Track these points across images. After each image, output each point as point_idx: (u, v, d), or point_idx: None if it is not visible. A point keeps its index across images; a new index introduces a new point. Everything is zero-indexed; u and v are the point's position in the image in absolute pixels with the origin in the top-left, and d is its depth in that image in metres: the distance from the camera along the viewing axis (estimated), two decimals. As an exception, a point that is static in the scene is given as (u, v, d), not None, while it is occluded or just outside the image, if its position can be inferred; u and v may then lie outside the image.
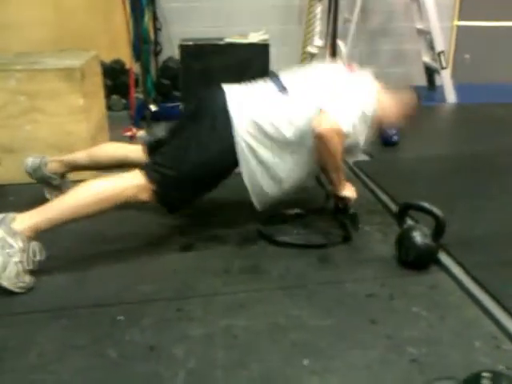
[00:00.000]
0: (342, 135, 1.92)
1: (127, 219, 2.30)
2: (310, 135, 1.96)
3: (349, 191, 2.13)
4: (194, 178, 1.98)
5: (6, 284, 1.71)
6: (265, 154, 1.99)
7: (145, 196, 1.92)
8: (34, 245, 1.80)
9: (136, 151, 2.27)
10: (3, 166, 2.65)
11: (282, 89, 2.05)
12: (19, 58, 2.90)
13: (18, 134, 2.61)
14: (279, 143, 1.99)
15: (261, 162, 2.00)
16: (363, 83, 2.09)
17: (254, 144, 1.97)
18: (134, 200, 1.92)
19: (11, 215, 1.79)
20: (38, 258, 1.81)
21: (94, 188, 1.89)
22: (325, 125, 1.90)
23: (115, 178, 1.95)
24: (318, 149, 1.97)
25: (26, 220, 1.79)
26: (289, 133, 1.98)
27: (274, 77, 2.13)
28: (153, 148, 2.20)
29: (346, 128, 1.90)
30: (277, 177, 2.03)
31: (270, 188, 2.05)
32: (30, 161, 2.36)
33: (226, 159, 1.98)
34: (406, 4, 4.78)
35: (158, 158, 2.03)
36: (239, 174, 2.02)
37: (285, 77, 2.12)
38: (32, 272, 1.79)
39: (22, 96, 2.56)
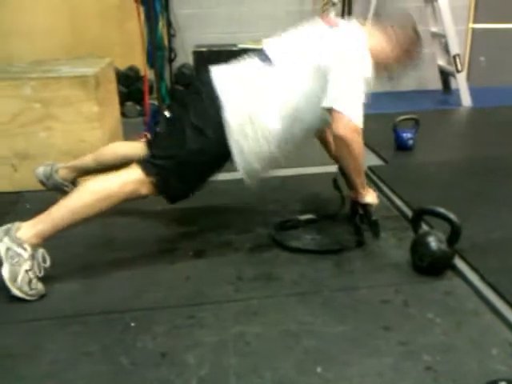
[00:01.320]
0: (360, 131, 1.88)
1: (138, 225, 2.31)
2: (299, 107, 1.93)
3: (371, 197, 2.09)
4: (193, 164, 1.94)
5: (18, 293, 1.72)
6: (254, 130, 1.92)
7: (145, 190, 1.91)
8: (43, 251, 1.81)
9: (141, 148, 2.26)
10: (19, 173, 2.68)
11: (267, 61, 1.99)
12: (34, 66, 2.93)
13: (33, 141, 2.64)
14: (268, 118, 1.93)
15: (250, 139, 1.93)
16: (351, 40, 1.98)
17: (243, 122, 1.91)
18: (134, 195, 1.90)
19: (16, 224, 1.80)
20: (47, 264, 1.82)
21: (93, 188, 1.88)
22: (343, 128, 1.85)
23: (113, 175, 1.93)
24: (340, 153, 1.95)
25: (31, 228, 1.80)
26: (277, 106, 1.93)
27: (260, 52, 2.06)
28: (151, 142, 2.20)
29: (361, 121, 1.87)
30: (268, 151, 1.97)
31: (261, 162, 1.99)
32: (42, 169, 2.38)
33: (221, 140, 1.92)
34: (420, 8, 4.75)
35: (153, 150, 2.02)
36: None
37: (269, 48, 2.04)
38: (43, 279, 1.80)
39: (36, 104, 2.59)
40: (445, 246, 1.86)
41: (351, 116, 1.86)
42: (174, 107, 2.16)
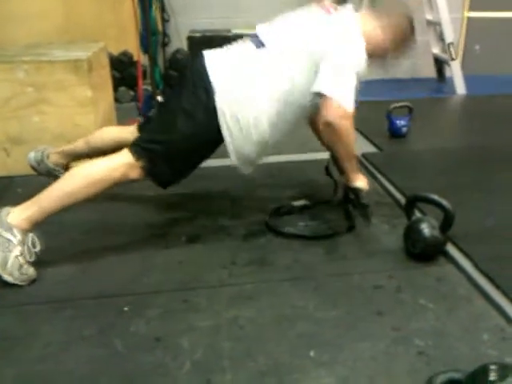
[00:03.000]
0: (350, 117, 1.88)
1: (131, 210, 2.31)
2: (291, 91, 1.93)
3: (361, 182, 2.09)
4: (184, 148, 1.93)
5: (8, 278, 1.72)
6: (246, 115, 1.92)
7: (135, 174, 1.90)
8: (33, 236, 1.81)
9: (132, 132, 2.23)
10: (11, 158, 2.66)
11: (261, 45, 1.98)
12: (27, 50, 2.91)
13: (26, 126, 2.62)
14: (260, 103, 1.93)
15: (242, 124, 1.92)
16: (345, 26, 1.99)
17: (235, 107, 1.90)
18: (124, 179, 1.89)
19: (6, 209, 1.79)
20: (37, 248, 1.81)
21: (83, 172, 1.88)
22: (331, 112, 1.86)
23: (103, 159, 1.93)
24: (329, 138, 1.95)
25: (21, 212, 1.79)
26: (268, 90, 1.93)
27: (253, 35, 2.05)
28: (142, 126, 2.19)
29: (351, 106, 1.87)
30: (260, 137, 1.96)
31: (253, 148, 1.98)
32: (33, 155, 2.36)
33: (212, 126, 1.91)
34: (415, -5, 4.73)
35: (144, 135, 2.02)
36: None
37: (263, 32, 2.04)
38: (37, 263, 1.80)
39: (29, 87, 2.57)
40: (438, 232, 1.87)
41: (341, 101, 1.86)
42: (166, 92, 2.14)
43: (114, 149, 2.17)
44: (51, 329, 1.56)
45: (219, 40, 3.51)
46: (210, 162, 2.06)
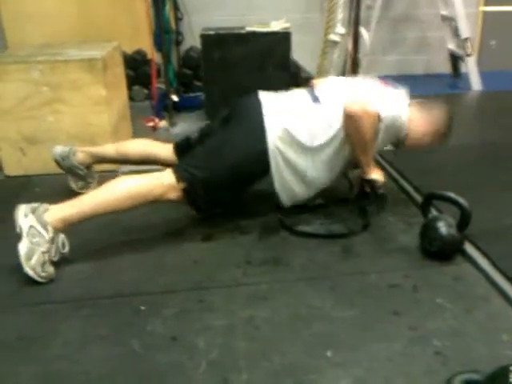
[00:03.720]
0: (373, 115, 1.94)
1: (147, 210, 2.30)
2: (342, 144, 2.03)
3: (377, 174, 2.12)
4: (225, 180, 2.00)
5: (30, 272, 1.73)
6: (296, 160, 2.02)
7: (174, 195, 1.95)
8: (63, 237, 1.83)
9: (166, 150, 2.30)
10: (28, 157, 2.68)
11: (315, 99, 2.07)
12: (42, 50, 2.92)
13: (41, 125, 2.63)
14: (311, 150, 2.02)
15: (292, 167, 2.03)
16: (397, 97, 2.10)
17: (286, 151, 2.00)
18: (163, 198, 1.94)
19: (44, 205, 1.82)
20: (65, 250, 1.84)
21: (126, 184, 1.92)
22: (355, 105, 1.94)
23: (147, 176, 1.97)
24: (347, 128, 1.99)
25: (58, 212, 1.82)
26: (321, 139, 2.01)
27: (308, 87, 2.17)
28: (183, 148, 2.23)
29: (377, 109, 1.93)
30: (307, 180, 2.07)
31: (300, 190, 2.09)
32: (60, 149, 2.38)
33: (258, 164, 2.00)
34: (430, -10, 4.69)
35: (189, 159, 2.06)
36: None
37: (318, 88, 2.15)
38: (54, 263, 1.81)
39: (44, 87, 2.58)
40: (454, 230, 1.85)
41: (369, 100, 1.95)
42: (215, 122, 2.21)
43: (141, 161, 2.22)
44: (68, 327, 1.57)
45: (233, 37, 3.53)
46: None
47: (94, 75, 2.59)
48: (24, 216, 1.77)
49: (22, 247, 1.73)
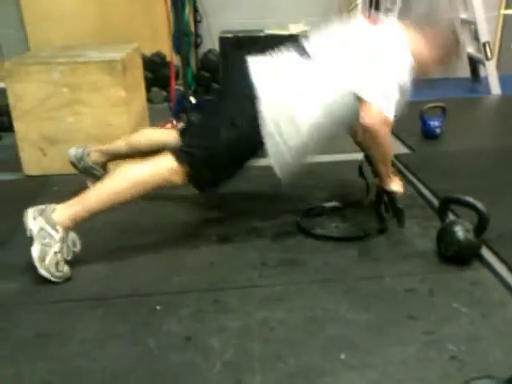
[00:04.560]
0: (389, 124, 1.90)
1: (162, 209, 2.34)
2: (335, 101, 1.93)
3: (396, 185, 2.09)
4: (225, 155, 1.95)
5: (44, 273, 1.76)
6: (289, 123, 1.93)
7: (177, 178, 1.92)
8: (74, 235, 1.85)
9: (173, 135, 2.27)
10: (47, 157, 2.71)
11: (305, 55, 1.99)
12: (62, 51, 2.95)
13: (61, 126, 2.67)
14: (303, 112, 1.93)
15: (284, 131, 1.93)
16: (392, 39, 1.98)
17: (278, 114, 1.92)
18: (167, 183, 1.92)
19: (52, 206, 1.83)
20: (77, 248, 1.85)
21: (128, 174, 1.91)
22: (371, 117, 1.88)
23: (147, 162, 1.95)
24: (366, 141, 1.96)
25: (65, 210, 1.83)
26: (313, 100, 1.93)
27: (298, 44, 2.06)
28: (184, 131, 2.22)
29: (392, 115, 1.88)
30: (302, 145, 1.97)
31: (294, 157, 1.99)
32: (74, 151, 2.41)
33: (255, 132, 1.92)
34: (450, -7, 4.66)
35: (187, 139, 2.04)
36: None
37: (308, 43, 2.05)
38: (71, 262, 1.84)
39: (65, 88, 2.61)
40: (472, 235, 1.84)
41: (382, 108, 1.87)
42: (211, 99, 2.19)
43: (153, 151, 2.22)
44: (85, 326, 1.58)
45: (251, 40, 3.54)
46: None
47: (114, 77, 2.62)
48: (33, 219, 1.79)
49: (35, 250, 1.75)
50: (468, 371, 1.36)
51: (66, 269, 1.80)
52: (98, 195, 1.87)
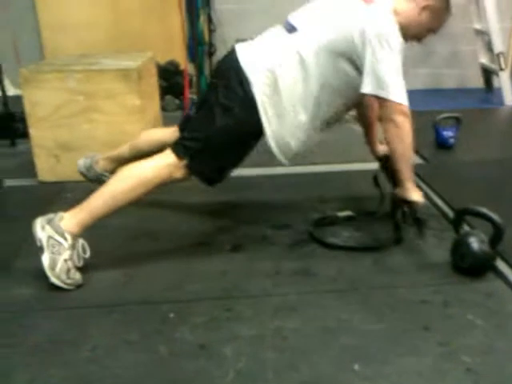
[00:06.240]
0: (408, 114, 1.89)
1: (175, 217, 2.34)
2: (324, 72, 1.89)
3: (417, 195, 2.02)
4: (223, 143, 1.94)
5: (56, 281, 1.77)
6: (281, 98, 1.90)
7: (179, 174, 1.92)
8: (83, 242, 1.86)
9: (173, 132, 2.26)
10: (61, 164, 2.73)
11: (292, 29, 1.96)
12: (78, 59, 2.98)
13: (76, 133, 2.68)
14: (293, 83, 1.90)
15: (279, 111, 1.91)
16: (382, 15, 1.91)
17: (269, 92, 1.89)
18: (170, 179, 1.92)
19: (59, 214, 1.84)
20: (86, 255, 1.86)
21: (129, 174, 1.92)
22: (392, 113, 1.87)
23: (147, 161, 1.96)
24: (388, 135, 1.94)
25: (72, 217, 1.84)
26: (300, 70, 1.89)
27: (285, 21, 2.03)
28: (183, 126, 2.20)
29: (406, 101, 1.87)
30: (298, 121, 1.94)
31: (294, 137, 1.96)
32: (82, 162, 2.44)
33: (250, 117, 1.91)
34: (463, 5, 4.65)
35: (184, 133, 2.04)
36: (290, 176, 2.00)
37: (294, 17, 2.01)
38: (83, 268, 1.84)
39: (80, 96, 2.63)
40: (487, 247, 1.82)
41: (399, 100, 1.86)
42: (205, 91, 2.17)
43: (156, 150, 2.20)
44: (98, 333, 1.58)
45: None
46: (254, 171, 2.06)
47: (129, 85, 2.63)
48: (41, 228, 1.80)
49: (45, 259, 1.77)
50: (484, 383, 1.35)
51: (77, 276, 1.81)
52: (103, 198, 1.87)
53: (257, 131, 1.94)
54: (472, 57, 4.79)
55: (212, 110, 1.94)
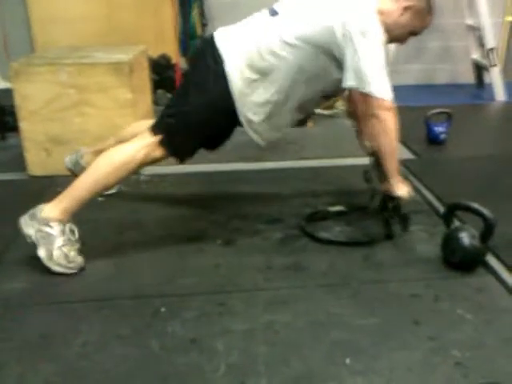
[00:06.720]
0: (392, 107, 1.89)
1: (167, 211, 2.34)
2: (300, 55, 1.90)
3: (402, 190, 2.04)
4: (197, 119, 1.95)
5: (57, 268, 1.79)
6: (254, 76, 1.91)
7: (158, 153, 1.95)
8: (70, 225, 1.88)
9: None
10: (52, 158, 2.71)
11: (274, 13, 1.97)
12: (70, 53, 2.96)
13: (68, 127, 2.67)
14: (267, 62, 1.90)
15: (251, 86, 1.92)
16: (363, 7, 1.92)
17: (243, 70, 1.90)
18: (149, 159, 1.95)
19: (40, 207, 1.86)
20: (76, 236, 1.88)
21: (109, 158, 1.94)
22: (376, 109, 1.88)
23: (126, 143, 1.99)
24: (373, 131, 1.95)
25: (55, 206, 1.86)
26: (275, 50, 1.90)
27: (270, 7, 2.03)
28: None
29: (390, 96, 1.88)
30: (271, 100, 1.95)
31: (265, 116, 1.98)
32: (68, 158, 2.46)
33: (224, 94, 1.92)
34: (455, 0, 4.65)
35: (163, 111, 2.05)
36: (282, 171, 2.00)
37: (280, 4, 2.02)
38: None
39: (71, 89, 2.62)
40: (477, 241, 1.83)
41: (382, 95, 1.87)
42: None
43: None
44: (89, 327, 1.58)
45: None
46: (245, 166, 2.06)
47: (121, 78, 2.62)
48: (27, 226, 1.83)
49: (41, 252, 1.80)
50: (473, 377, 1.36)
51: (78, 259, 1.84)
52: (85, 183, 1.90)
53: (229, 107, 1.94)
54: (464, 52, 4.80)
55: (187, 86, 2.01)
